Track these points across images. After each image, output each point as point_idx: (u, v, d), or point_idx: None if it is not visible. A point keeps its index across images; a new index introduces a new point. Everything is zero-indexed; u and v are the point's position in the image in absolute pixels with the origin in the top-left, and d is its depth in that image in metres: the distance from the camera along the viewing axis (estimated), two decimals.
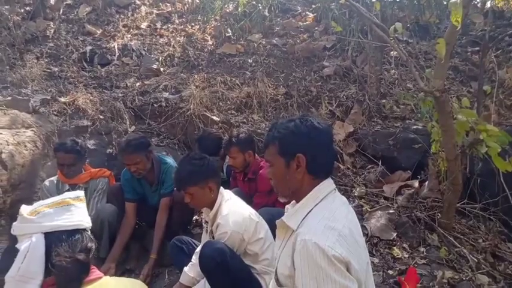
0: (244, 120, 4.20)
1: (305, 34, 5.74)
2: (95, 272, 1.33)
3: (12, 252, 1.27)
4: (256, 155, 3.09)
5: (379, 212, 3.05)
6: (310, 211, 1.32)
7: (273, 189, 2.70)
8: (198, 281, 2.23)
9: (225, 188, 2.39)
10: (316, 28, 5.80)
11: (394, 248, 2.74)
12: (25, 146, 2.95)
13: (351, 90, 4.52)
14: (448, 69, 4.18)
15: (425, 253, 2.67)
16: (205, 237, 2.36)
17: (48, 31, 5.08)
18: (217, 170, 2.40)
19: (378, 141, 3.85)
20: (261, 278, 2.13)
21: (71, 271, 1.23)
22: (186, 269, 2.30)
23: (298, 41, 5.50)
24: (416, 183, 3.33)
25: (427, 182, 3.28)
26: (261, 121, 4.22)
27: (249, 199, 2.74)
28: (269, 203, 2.81)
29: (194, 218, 3.22)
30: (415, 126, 3.85)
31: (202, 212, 2.85)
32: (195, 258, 2.27)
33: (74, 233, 1.29)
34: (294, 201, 1.43)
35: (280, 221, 1.39)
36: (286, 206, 1.49)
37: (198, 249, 2.25)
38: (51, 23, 5.26)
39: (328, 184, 1.37)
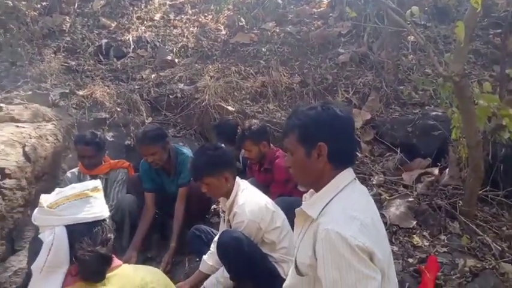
0: (260, 109, 4.18)
1: (319, 21, 5.63)
2: (115, 260, 1.35)
3: (37, 240, 1.30)
4: (272, 144, 3.09)
5: (398, 200, 3.01)
6: (330, 200, 1.30)
7: (289, 179, 2.75)
8: (216, 268, 2.26)
9: (241, 178, 2.40)
10: (330, 14, 5.68)
11: (414, 236, 2.70)
12: (47, 139, 3.03)
13: (368, 77, 4.44)
14: (468, 52, 4.06)
15: (446, 241, 2.63)
16: (222, 227, 2.38)
17: (64, 25, 5.16)
18: (233, 160, 2.41)
19: (396, 129, 3.78)
20: (279, 266, 2.14)
21: (94, 264, 1.25)
22: (205, 257, 2.34)
23: (312, 28, 5.41)
24: (436, 171, 3.26)
25: (447, 169, 3.21)
26: (276, 110, 4.19)
27: (265, 189, 2.75)
28: (285, 192, 2.81)
29: (212, 207, 3.25)
30: (434, 113, 3.76)
31: (220, 202, 2.89)
32: (213, 247, 2.30)
33: (94, 224, 1.31)
34: (312, 190, 1.42)
35: (299, 210, 1.38)
36: (304, 195, 1.48)
37: (216, 238, 2.27)
38: (67, 17, 5.33)
39: (348, 173, 1.35)
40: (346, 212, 1.23)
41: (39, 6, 5.44)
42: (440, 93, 3.11)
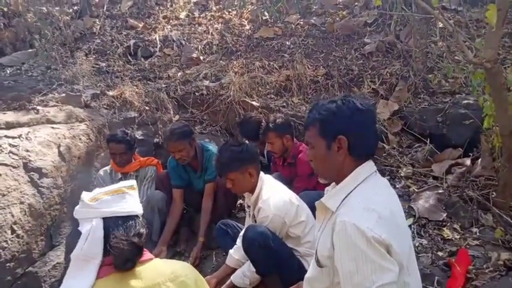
0: (284, 104, 4.17)
1: (344, 11, 5.53)
2: (146, 253, 1.42)
3: (77, 233, 1.39)
4: (296, 139, 3.08)
5: (428, 192, 2.94)
6: (350, 193, 1.31)
7: (313, 173, 2.74)
8: (243, 262, 2.31)
9: (266, 173, 2.42)
10: (355, 4, 5.56)
11: (444, 229, 2.63)
12: (80, 138, 3.17)
13: (395, 66, 4.32)
14: (503, 36, 3.86)
15: (478, 234, 2.54)
16: (248, 221, 2.42)
17: (94, 28, 5.35)
18: (257, 155, 2.43)
19: (426, 119, 3.67)
20: (304, 261, 2.16)
21: (127, 252, 1.33)
22: (231, 251, 2.39)
23: (337, 19, 5.32)
24: (468, 161, 3.15)
25: (479, 160, 3.08)
26: (301, 104, 4.17)
27: (289, 183, 2.76)
28: (309, 186, 2.80)
29: (238, 202, 3.30)
30: (465, 101, 3.61)
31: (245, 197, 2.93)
32: (239, 242, 2.34)
33: (128, 219, 1.40)
34: (334, 183, 1.43)
35: (319, 203, 1.39)
36: (326, 188, 1.49)
37: (242, 232, 2.31)
38: (97, 20, 5.52)
39: (369, 166, 1.36)
40: (364, 204, 1.23)
41: (70, 10, 5.67)
42: (471, 80, 2.99)
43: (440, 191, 2.90)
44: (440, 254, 2.41)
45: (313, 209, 2.18)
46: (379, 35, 4.86)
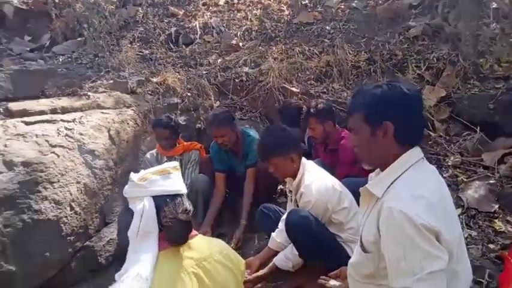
0: (324, 90, 4.13)
1: None
2: (192, 230, 1.54)
3: (127, 212, 1.49)
4: (338, 125, 3.05)
5: (478, 182, 2.82)
6: (396, 179, 1.29)
7: (355, 160, 2.71)
8: (285, 246, 2.34)
9: (307, 159, 2.43)
10: None
11: (496, 220, 2.52)
12: (128, 123, 3.32)
13: (442, 50, 4.12)
14: None
15: None
16: (290, 206, 2.45)
17: (137, 16, 5.51)
18: (298, 140, 2.44)
19: (476, 105, 3.49)
20: (347, 246, 2.16)
21: (177, 229, 1.43)
22: (273, 234, 2.43)
23: (379, 2, 5.13)
24: None
25: None
26: (341, 90, 4.11)
27: (331, 170, 2.75)
28: (352, 173, 2.77)
29: (279, 187, 3.34)
30: None
31: (286, 182, 2.95)
32: (281, 225, 2.38)
33: (175, 197, 1.49)
34: (378, 170, 1.42)
35: (364, 189, 1.39)
36: (370, 175, 1.48)
37: (284, 216, 2.35)
38: (140, 8, 5.68)
39: (416, 152, 1.33)
40: (412, 191, 1.22)
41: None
42: None
43: (491, 182, 2.77)
44: (491, 246, 2.32)
45: (355, 196, 2.19)
46: (425, 18, 4.65)
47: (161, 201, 1.45)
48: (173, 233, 1.44)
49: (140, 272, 1.32)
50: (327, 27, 4.88)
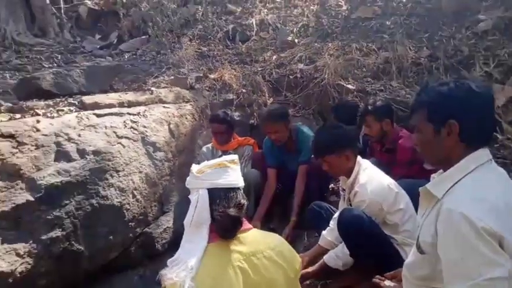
0: (382, 87, 4.00)
1: None
2: (246, 223, 1.55)
3: (186, 202, 1.58)
4: (395, 124, 2.96)
5: None
6: (459, 180, 1.24)
7: (413, 160, 2.62)
8: (335, 244, 2.33)
9: (362, 158, 2.39)
10: None
11: None
12: (186, 118, 3.48)
13: None
14: None
15: None
16: (342, 205, 2.43)
17: (197, 15, 5.71)
18: (354, 139, 2.41)
19: None
20: (401, 249, 2.10)
21: (225, 223, 1.46)
22: (324, 232, 2.43)
23: None
24: None
25: None
26: (400, 88, 3.95)
27: (387, 170, 2.67)
28: (409, 174, 2.68)
29: (330, 186, 3.31)
30: None
31: (338, 180, 2.92)
32: (333, 223, 2.37)
33: (229, 190, 1.52)
34: (440, 170, 1.37)
35: (424, 189, 1.35)
36: (432, 175, 1.43)
37: (336, 215, 2.34)
38: (199, 6, 5.88)
39: (483, 153, 1.27)
40: (475, 193, 1.17)
41: None
42: None
43: None
44: None
45: (412, 198, 2.12)
46: (498, 11, 4.31)
47: (215, 194, 1.49)
48: (221, 227, 1.46)
49: (188, 261, 1.37)
50: (387, 22, 4.72)
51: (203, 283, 1.33)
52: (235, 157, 1.63)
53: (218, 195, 1.49)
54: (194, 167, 1.58)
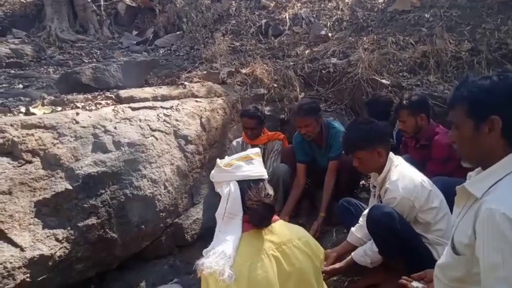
0: (418, 82, 3.87)
1: None
2: (274, 215, 1.60)
3: (216, 194, 1.61)
4: (432, 120, 2.85)
5: None
6: (500, 180, 1.18)
7: (449, 158, 2.52)
8: (364, 241, 2.29)
9: (395, 154, 2.32)
10: None
11: None
12: (217, 112, 3.53)
13: None
14: None
15: None
16: (372, 202, 2.38)
17: (231, 10, 5.75)
18: (386, 135, 2.35)
19: None
20: (433, 248, 2.04)
21: (261, 212, 1.50)
22: (353, 229, 2.39)
23: None
24: None
25: None
26: (438, 83, 3.81)
27: (421, 167, 2.58)
28: (444, 172, 2.58)
29: (361, 182, 3.25)
30: None
31: (369, 177, 2.86)
32: (362, 220, 2.33)
33: (258, 181, 1.56)
34: (478, 169, 1.31)
35: (461, 187, 1.29)
36: (469, 173, 1.37)
37: (366, 211, 2.29)
38: (233, 1, 5.92)
39: None
40: None
41: None
42: None
43: None
44: None
45: (447, 196, 2.04)
46: None
47: (245, 185, 1.54)
48: (257, 216, 1.51)
49: (225, 250, 1.42)
50: (426, 15, 4.54)
51: (241, 271, 1.39)
52: (258, 150, 1.69)
53: (249, 186, 1.54)
54: (220, 161, 1.63)
